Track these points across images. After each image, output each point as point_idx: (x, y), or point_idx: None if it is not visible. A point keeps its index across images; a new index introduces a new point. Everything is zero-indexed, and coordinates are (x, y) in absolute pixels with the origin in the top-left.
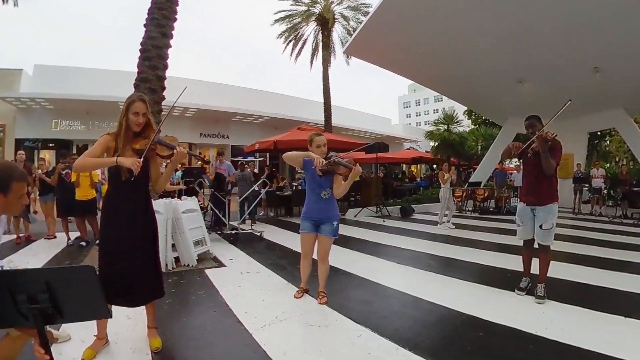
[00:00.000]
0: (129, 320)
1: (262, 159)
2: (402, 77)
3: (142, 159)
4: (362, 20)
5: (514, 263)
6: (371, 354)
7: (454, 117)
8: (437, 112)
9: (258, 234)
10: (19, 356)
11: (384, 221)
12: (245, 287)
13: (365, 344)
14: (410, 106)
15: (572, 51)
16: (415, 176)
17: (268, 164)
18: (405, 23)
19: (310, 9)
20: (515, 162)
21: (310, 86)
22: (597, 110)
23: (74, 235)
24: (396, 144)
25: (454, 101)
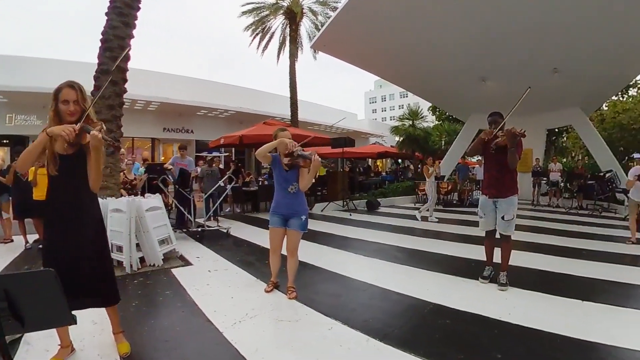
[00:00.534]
0: (95, 326)
1: (227, 154)
2: (369, 73)
3: (75, 137)
4: (331, 15)
5: (477, 253)
6: (342, 346)
7: (418, 113)
8: (402, 108)
9: (225, 230)
10: None
11: (350, 215)
12: (214, 285)
13: (336, 337)
14: (376, 102)
15: (532, 52)
16: (380, 170)
17: (234, 159)
18: (373, 20)
19: (278, 2)
20: (478, 157)
21: (276, 80)
22: (555, 108)
23: (32, 238)
24: (362, 138)
25: (419, 97)
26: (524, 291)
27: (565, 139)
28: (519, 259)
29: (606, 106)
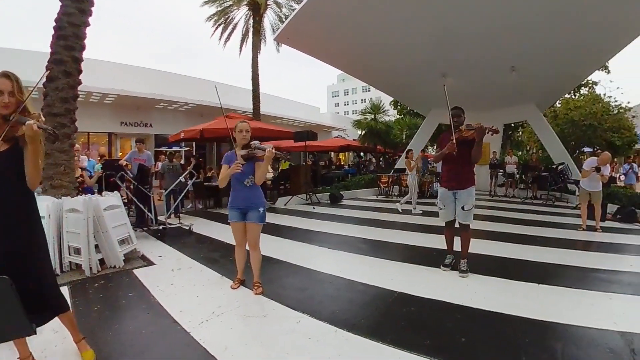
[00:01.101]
0: (56, 334)
1: (187, 148)
2: (332, 67)
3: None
4: (295, 7)
5: (438, 242)
6: (311, 338)
7: (380, 107)
8: (364, 102)
9: (187, 227)
10: None
11: (314, 208)
12: (178, 284)
13: (304, 330)
14: (338, 95)
15: (491, 51)
16: (343, 164)
17: (194, 153)
18: (337, 14)
19: None
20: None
21: (239, 73)
22: (512, 104)
23: None
24: (324, 132)
25: (381, 92)
26: (484, 277)
27: (520, 133)
28: (478, 246)
29: (559, 103)
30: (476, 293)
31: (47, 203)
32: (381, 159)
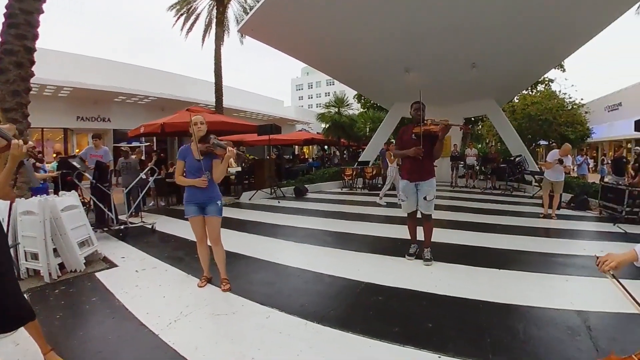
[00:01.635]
0: (18, 347)
1: (148, 143)
2: (296, 60)
3: None
4: None
5: (402, 232)
6: (282, 332)
7: (344, 101)
8: (328, 96)
9: (149, 226)
10: None
11: (278, 202)
12: (143, 285)
13: (274, 324)
14: (303, 89)
15: (453, 47)
16: (307, 157)
17: (155, 149)
18: (301, 7)
19: None
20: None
21: (201, 65)
22: (472, 99)
23: None
24: (288, 125)
25: (345, 85)
26: (447, 264)
27: (480, 127)
28: (440, 235)
29: (517, 99)
30: (441, 280)
31: None
32: (345, 152)
